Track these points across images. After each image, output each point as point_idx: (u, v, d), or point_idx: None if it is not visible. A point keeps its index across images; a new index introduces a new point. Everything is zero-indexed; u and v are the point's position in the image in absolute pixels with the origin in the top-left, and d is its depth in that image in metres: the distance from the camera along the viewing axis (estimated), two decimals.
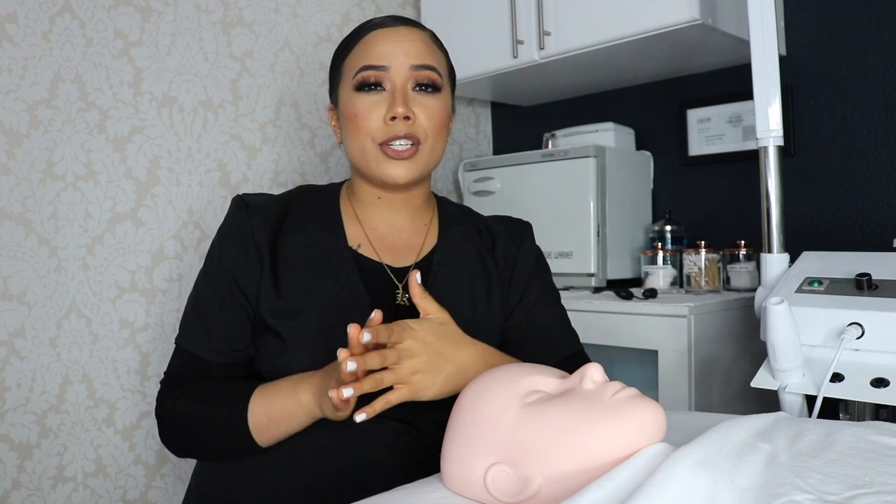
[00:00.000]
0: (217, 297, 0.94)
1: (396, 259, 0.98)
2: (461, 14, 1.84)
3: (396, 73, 0.93)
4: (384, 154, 0.93)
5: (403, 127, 0.92)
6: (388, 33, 0.96)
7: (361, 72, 0.94)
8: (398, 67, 0.93)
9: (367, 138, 0.93)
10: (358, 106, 0.93)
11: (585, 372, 0.66)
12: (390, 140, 0.92)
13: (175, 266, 1.52)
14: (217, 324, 0.93)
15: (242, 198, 0.98)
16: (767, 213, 1.21)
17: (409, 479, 0.74)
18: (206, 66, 1.57)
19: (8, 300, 1.31)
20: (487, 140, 2.32)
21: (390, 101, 0.92)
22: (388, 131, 0.92)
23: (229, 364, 0.93)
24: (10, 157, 1.31)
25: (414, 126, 0.93)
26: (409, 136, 0.92)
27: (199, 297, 0.96)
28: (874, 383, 0.96)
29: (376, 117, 0.92)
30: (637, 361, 1.47)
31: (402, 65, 0.93)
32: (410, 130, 0.92)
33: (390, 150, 0.92)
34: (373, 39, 0.96)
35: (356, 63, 0.95)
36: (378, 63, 0.93)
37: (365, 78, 0.93)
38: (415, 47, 0.95)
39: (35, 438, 1.33)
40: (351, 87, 0.95)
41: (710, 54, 1.68)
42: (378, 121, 0.92)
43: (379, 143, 0.92)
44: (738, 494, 0.57)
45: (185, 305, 0.98)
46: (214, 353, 0.92)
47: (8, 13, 1.31)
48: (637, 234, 1.84)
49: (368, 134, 0.93)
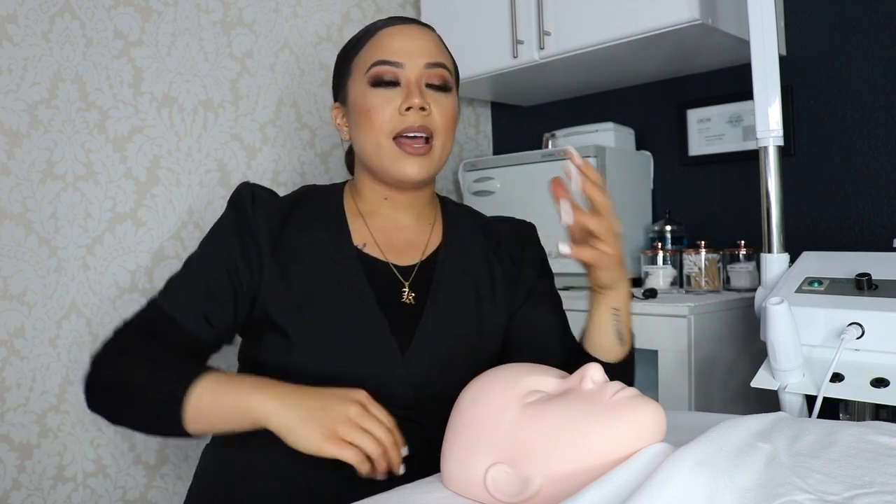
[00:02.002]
0: (212, 267, 0.92)
1: (401, 258, 0.98)
2: (461, 14, 1.84)
3: (411, 70, 0.93)
4: (400, 149, 0.93)
5: (418, 118, 0.92)
6: (401, 30, 0.96)
7: (376, 66, 0.93)
8: (413, 64, 0.93)
9: (381, 133, 0.93)
10: (372, 100, 0.93)
11: (585, 372, 0.66)
12: (405, 131, 0.92)
13: (175, 266, 1.51)
14: (204, 290, 0.90)
15: (251, 186, 0.98)
16: (767, 213, 1.21)
17: (409, 479, 0.74)
18: (206, 66, 1.57)
19: (8, 300, 1.31)
20: (487, 140, 2.32)
21: (406, 94, 0.92)
22: (403, 122, 0.92)
23: (197, 338, 0.89)
24: (10, 157, 1.31)
25: (429, 119, 0.93)
26: (424, 129, 0.93)
27: (191, 263, 0.94)
28: (874, 383, 0.96)
29: (390, 109, 0.92)
30: (637, 361, 1.46)
31: (416, 62, 0.94)
32: (425, 122, 0.93)
33: (406, 146, 0.92)
34: (386, 36, 0.96)
35: (369, 58, 0.95)
36: (393, 59, 0.93)
37: (380, 73, 0.93)
38: (427, 46, 0.96)
39: (35, 438, 1.33)
40: (365, 82, 0.94)
41: (710, 54, 1.68)
42: (392, 112, 0.92)
43: (393, 136, 0.92)
44: (738, 494, 0.57)
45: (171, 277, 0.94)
46: (191, 318, 0.89)
47: (8, 13, 1.31)
48: (637, 234, 1.84)
49: (383, 128, 0.93)
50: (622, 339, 0.92)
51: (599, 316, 0.92)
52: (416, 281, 0.97)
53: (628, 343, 0.94)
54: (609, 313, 0.91)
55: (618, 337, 0.92)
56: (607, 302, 0.91)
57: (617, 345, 0.92)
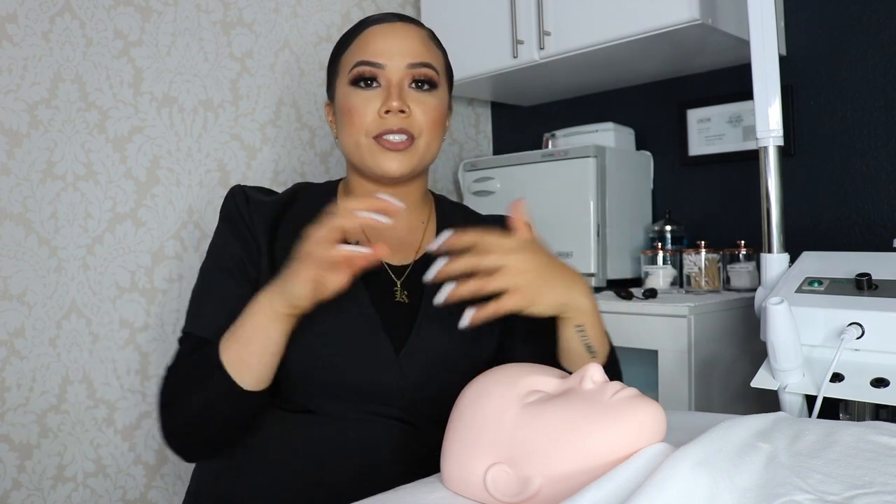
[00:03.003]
0: (227, 276, 0.92)
1: (394, 257, 0.98)
2: (461, 14, 1.84)
3: (392, 71, 0.94)
4: (379, 146, 0.93)
5: (398, 121, 0.92)
6: (385, 30, 0.96)
7: (357, 67, 0.94)
8: (394, 65, 0.94)
9: (360, 132, 0.93)
10: (353, 100, 0.94)
11: (585, 372, 0.66)
12: (384, 133, 0.92)
13: (175, 266, 1.52)
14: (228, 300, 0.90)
15: (242, 188, 0.98)
16: (767, 213, 1.21)
17: (409, 479, 0.74)
18: (206, 66, 1.57)
19: (8, 300, 1.31)
20: (487, 140, 2.32)
21: (385, 96, 0.93)
22: (382, 125, 0.92)
23: None
24: (10, 157, 1.31)
25: (409, 120, 0.93)
26: (404, 131, 0.93)
27: (205, 279, 0.94)
28: (874, 383, 0.96)
29: (371, 111, 0.93)
30: (637, 361, 1.46)
31: (398, 63, 0.94)
32: (405, 125, 0.93)
33: (385, 142, 0.92)
34: (370, 35, 0.96)
35: (352, 58, 0.95)
36: (374, 59, 0.93)
37: (360, 73, 0.94)
38: (412, 45, 0.95)
39: (35, 438, 1.33)
40: (346, 82, 0.95)
41: (710, 54, 1.68)
42: (372, 114, 0.93)
43: (373, 136, 0.93)
44: (738, 494, 0.57)
45: (190, 298, 0.95)
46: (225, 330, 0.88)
47: (8, 13, 1.31)
48: (637, 234, 1.84)
49: (363, 128, 0.93)
50: (594, 351, 0.89)
51: (565, 336, 0.88)
52: (410, 280, 0.97)
53: (604, 350, 0.91)
54: (573, 333, 0.87)
55: (588, 351, 0.89)
56: (569, 322, 0.87)
57: (590, 357, 0.89)
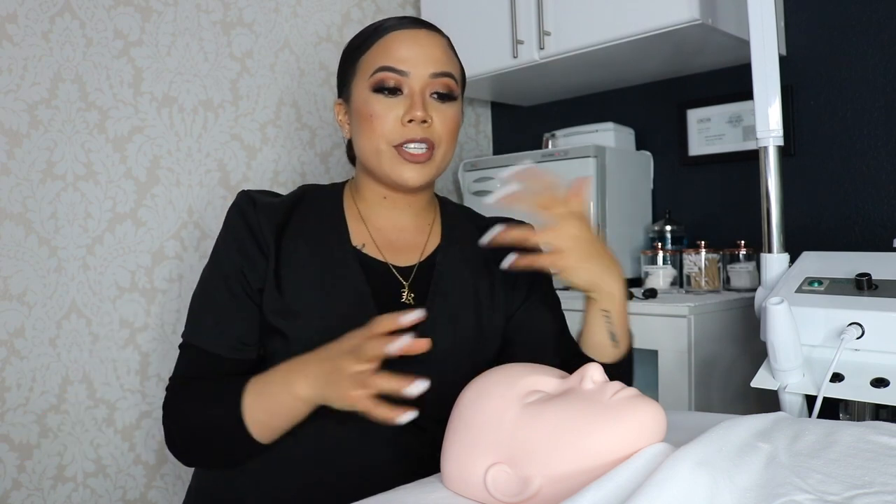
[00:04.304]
0: (227, 289, 0.92)
1: (400, 258, 0.98)
2: (461, 14, 1.84)
3: (416, 80, 0.92)
4: (399, 156, 0.92)
5: (420, 130, 0.91)
6: (409, 35, 0.94)
7: (380, 72, 0.92)
8: (418, 74, 0.92)
9: (381, 140, 0.92)
10: (374, 107, 0.92)
11: (585, 372, 0.66)
12: (406, 142, 0.92)
13: (175, 266, 1.52)
14: (228, 315, 0.91)
15: (249, 194, 0.97)
16: (767, 213, 1.21)
17: (409, 479, 0.74)
18: (206, 66, 1.57)
19: (8, 300, 1.31)
20: (487, 140, 2.32)
21: (409, 105, 0.92)
22: (405, 133, 0.92)
23: (241, 360, 0.91)
24: (10, 157, 1.31)
25: (430, 130, 0.92)
26: (425, 140, 0.92)
27: (207, 289, 0.94)
28: (874, 383, 0.96)
29: (392, 118, 0.92)
30: (637, 361, 1.46)
31: (422, 72, 0.92)
32: (427, 134, 0.92)
33: (406, 153, 0.92)
34: (394, 40, 0.94)
35: (374, 62, 0.93)
36: (398, 66, 0.92)
37: (384, 80, 0.92)
38: (435, 54, 0.94)
39: (35, 438, 1.33)
40: (368, 87, 0.93)
41: (710, 54, 1.68)
42: (394, 122, 0.92)
43: (394, 145, 0.92)
44: (738, 494, 0.57)
45: (191, 303, 0.95)
46: (226, 347, 0.90)
47: (8, 13, 1.31)
48: (637, 234, 1.84)
49: (384, 136, 0.92)
50: (616, 340, 0.92)
51: (591, 318, 0.93)
52: (416, 282, 0.97)
53: (625, 344, 0.94)
54: (599, 315, 0.91)
55: (611, 338, 0.92)
56: (596, 304, 0.91)
57: (611, 346, 0.92)
